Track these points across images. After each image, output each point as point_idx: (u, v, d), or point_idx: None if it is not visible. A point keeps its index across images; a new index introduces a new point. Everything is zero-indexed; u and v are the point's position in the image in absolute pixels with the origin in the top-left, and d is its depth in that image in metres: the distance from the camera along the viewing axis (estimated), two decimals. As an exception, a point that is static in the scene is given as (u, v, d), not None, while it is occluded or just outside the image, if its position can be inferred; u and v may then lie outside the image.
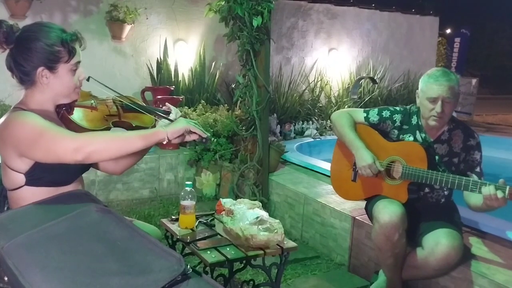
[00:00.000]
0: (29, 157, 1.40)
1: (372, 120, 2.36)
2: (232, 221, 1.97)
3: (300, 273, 2.66)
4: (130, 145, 1.43)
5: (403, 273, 2.21)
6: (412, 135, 2.28)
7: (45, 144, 1.35)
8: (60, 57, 1.46)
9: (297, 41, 6.43)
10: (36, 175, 1.43)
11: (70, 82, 1.51)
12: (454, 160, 2.23)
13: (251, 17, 3.34)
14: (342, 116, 2.38)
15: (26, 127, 1.38)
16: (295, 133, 5.43)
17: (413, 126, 2.29)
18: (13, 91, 1.54)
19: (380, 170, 2.20)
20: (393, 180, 2.25)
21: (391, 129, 2.34)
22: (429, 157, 2.15)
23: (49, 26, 1.49)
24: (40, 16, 4.60)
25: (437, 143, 2.24)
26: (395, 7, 7.50)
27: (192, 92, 5.18)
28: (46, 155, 1.37)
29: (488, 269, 2.05)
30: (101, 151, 1.38)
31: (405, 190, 2.20)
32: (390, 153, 2.26)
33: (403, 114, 2.32)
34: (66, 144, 1.35)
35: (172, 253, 1.20)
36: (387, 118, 2.34)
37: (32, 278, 1.08)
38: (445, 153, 2.24)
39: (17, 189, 1.45)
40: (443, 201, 2.31)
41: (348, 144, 2.32)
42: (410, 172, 2.15)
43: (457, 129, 2.25)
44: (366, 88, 6.55)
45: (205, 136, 1.61)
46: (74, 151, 1.34)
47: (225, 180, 3.97)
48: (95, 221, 1.29)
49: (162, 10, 5.31)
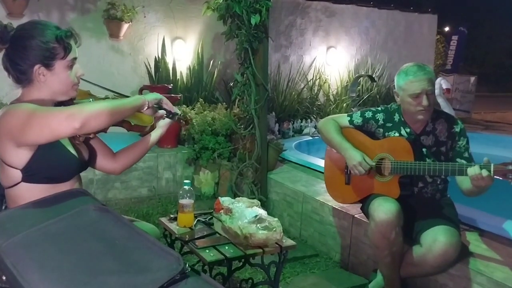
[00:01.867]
0: (24, 141, 1.37)
1: (356, 122, 2.42)
2: (230, 220, 1.97)
3: (299, 272, 2.66)
4: (120, 112, 1.43)
5: (401, 271, 2.22)
6: (397, 132, 2.33)
7: (37, 121, 1.33)
8: (56, 54, 1.46)
9: (295, 39, 6.43)
10: (33, 171, 1.42)
11: (67, 79, 1.50)
12: (442, 149, 2.28)
13: (249, 15, 3.33)
14: (327, 123, 2.45)
15: (16, 113, 1.37)
16: (293, 131, 5.43)
17: (397, 123, 2.34)
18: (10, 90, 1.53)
19: (371, 165, 2.24)
20: (384, 177, 2.28)
21: (376, 129, 2.39)
22: (415, 149, 2.21)
23: (43, 24, 1.49)
24: (38, 14, 4.59)
25: (423, 135, 2.30)
26: (394, 5, 7.50)
27: (190, 91, 5.18)
28: (41, 133, 1.34)
29: (487, 266, 2.06)
30: (95, 119, 1.34)
31: (396, 185, 2.23)
32: (377, 151, 2.30)
33: (385, 113, 2.39)
34: (59, 115, 1.33)
35: (171, 252, 1.20)
36: (370, 119, 2.40)
37: (30, 277, 1.07)
38: (432, 143, 2.29)
39: (14, 186, 1.44)
40: (438, 196, 2.32)
41: (336, 147, 2.38)
42: (399, 166, 2.20)
43: (440, 119, 2.31)
44: (364, 86, 6.56)
45: (174, 112, 1.71)
46: (69, 118, 1.31)
47: (223, 179, 3.96)
48: (93, 220, 1.29)
49: (160, 8, 5.30)
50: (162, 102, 1.65)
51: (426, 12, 8.00)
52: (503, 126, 7.72)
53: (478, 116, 8.91)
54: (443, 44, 10.84)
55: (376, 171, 2.29)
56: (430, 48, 8.09)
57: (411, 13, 7.69)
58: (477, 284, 2.01)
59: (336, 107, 6.00)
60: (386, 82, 6.94)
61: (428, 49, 8.00)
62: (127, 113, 1.49)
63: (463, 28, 9.34)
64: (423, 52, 7.82)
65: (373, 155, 2.29)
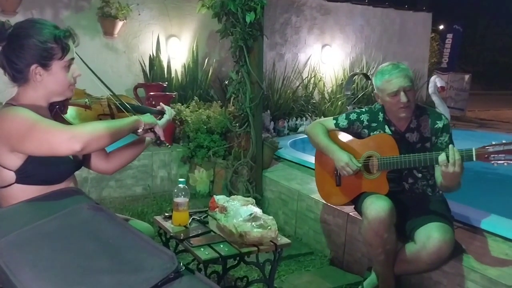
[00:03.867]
0: (20, 150, 1.37)
1: (342, 124, 2.46)
2: (225, 218, 1.97)
3: (294, 269, 2.67)
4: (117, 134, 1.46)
5: (396, 268, 2.22)
6: (382, 131, 2.36)
7: (37, 135, 1.32)
8: (54, 54, 1.45)
9: (290, 37, 6.42)
10: (28, 173, 1.41)
11: (64, 80, 1.49)
12: (427, 145, 2.31)
13: (244, 13, 3.33)
14: (314, 127, 2.52)
15: (16, 119, 1.35)
16: (288, 129, 5.44)
17: (381, 122, 2.37)
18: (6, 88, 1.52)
19: (358, 165, 2.27)
20: (373, 174, 2.31)
21: (361, 130, 2.43)
22: (399, 144, 2.23)
23: (42, 23, 1.47)
24: (31, 12, 4.56)
25: (408, 132, 2.32)
26: (388, 3, 7.52)
27: (185, 89, 5.17)
28: (39, 147, 1.33)
29: (480, 264, 2.07)
30: (95, 140, 1.36)
31: (385, 181, 2.25)
32: (364, 150, 2.33)
33: (370, 113, 2.42)
34: (61, 134, 1.32)
35: (165, 251, 1.20)
36: (355, 120, 2.44)
37: (22, 277, 1.07)
38: (416, 139, 2.31)
39: (7, 187, 1.43)
40: (429, 191, 2.34)
41: (324, 150, 2.42)
42: (385, 161, 2.23)
43: (424, 115, 2.33)
44: (359, 84, 6.57)
45: (163, 140, 1.72)
46: (69, 141, 1.31)
47: (218, 177, 3.96)
48: (86, 219, 1.28)
49: (154, 6, 5.28)
50: (154, 128, 1.67)
51: (421, 10, 8.03)
52: (497, 124, 7.76)
53: (472, 114, 8.95)
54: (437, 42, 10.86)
55: (365, 169, 2.32)
56: (424, 46, 8.11)
57: (405, 11, 7.71)
58: (470, 281, 2.02)
59: (331, 105, 6.01)
60: (381, 80, 6.94)
61: (422, 47, 8.02)
62: (125, 133, 1.52)
63: (458, 26, 9.36)
64: (417, 50, 7.84)
65: (360, 154, 2.33)
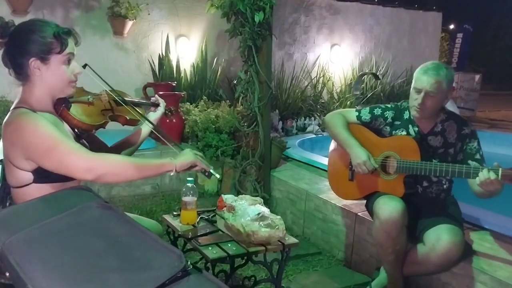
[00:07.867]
0: (37, 163, 1.42)
1: (364, 118, 2.39)
2: (233, 217, 1.97)
3: (302, 269, 2.66)
4: (141, 174, 1.47)
5: (404, 269, 2.21)
6: (404, 130, 2.30)
7: (57, 157, 1.38)
8: (52, 48, 1.47)
9: (299, 36, 6.41)
10: (45, 173, 1.44)
11: (63, 75, 1.51)
12: (450, 151, 2.25)
13: (253, 13, 3.33)
14: (335, 117, 2.42)
15: (38, 134, 1.39)
16: (297, 129, 5.43)
17: (405, 121, 2.31)
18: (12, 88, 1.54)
19: (375, 166, 2.22)
20: (389, 175, 2.26)
21: (383, 126, 2.37)
22: (421, 149, 2.17)
23: (44, 21, 1.51)
24: (42, 11, 4.60)
25: (430, 135, 2.26)
26: (398, 2, 7.48)
27: (194, 88, 5.18)
28: (56, 167, 1.39)
29: (490, 265, 2.05)
30: (112, 175, 1.42)
31: (401, 184, 2.21)
32: (383, 149, 2.28)
33: (395, 111, 2.36)
34: (80, 163, 1.38)
35: (173, 250, 1.20)
36: (379, 116, 2.37)
37: (32, 274, 1.08)
38: (440, 144, 2.26)
39: (24, 187, 1.46)
40: (443, 196, 2.31)
41: (342, 143, 2.35)
42: (404, 165, 2.17)
43: (450, 120, 2.27)
44: (368, 84, 6.54)
45: (209, 170, 1.68)
46: (87, 171, 1.38)
47: (226, 176, 3.96)
48: (95, 217, 1.29)
49: (164, 5, 5.30)
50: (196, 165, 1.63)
51: (431, 9, 7.96)
52: (507, 125, 7.67)
53: (482, 114, 8.86)
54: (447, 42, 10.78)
55: (381, 169, 2.28)
56: (434, 46, 8.05)
57: (415, 10, 7.66)
58: (480, 283, 2.01)
59: (340, 105, 5.98)
60: (390, 80, 6.91)
61: (432, 47, 7.96)
62: (153, 174, 1.53)
63: (468, 26, 9.28)
64: (427, 50, 7.79)
65: (379, 152, 2.28)
